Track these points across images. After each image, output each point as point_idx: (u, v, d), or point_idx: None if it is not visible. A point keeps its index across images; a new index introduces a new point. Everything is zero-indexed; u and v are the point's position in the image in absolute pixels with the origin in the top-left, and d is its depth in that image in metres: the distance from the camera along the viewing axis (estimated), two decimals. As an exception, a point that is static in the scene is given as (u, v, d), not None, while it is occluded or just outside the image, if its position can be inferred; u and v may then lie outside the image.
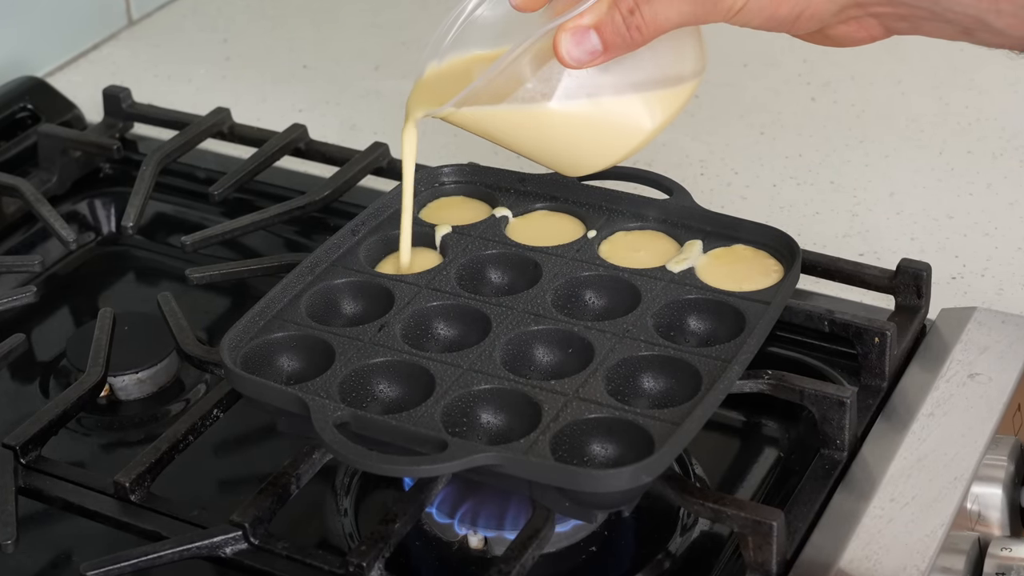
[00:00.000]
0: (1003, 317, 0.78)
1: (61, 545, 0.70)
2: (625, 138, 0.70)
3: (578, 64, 0.65)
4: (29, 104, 1.01)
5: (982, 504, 0.71)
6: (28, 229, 0.92)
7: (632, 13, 0.64)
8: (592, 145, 0.71)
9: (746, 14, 0.65)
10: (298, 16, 1.19)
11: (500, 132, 0.71)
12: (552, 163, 0.73)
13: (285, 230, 0.91)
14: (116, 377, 0.79)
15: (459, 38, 0.72)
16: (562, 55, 0.65)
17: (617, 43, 0.65)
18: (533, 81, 0.68)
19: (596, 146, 0.71)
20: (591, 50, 0.65)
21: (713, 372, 0.67)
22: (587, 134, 0.70)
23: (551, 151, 0.72)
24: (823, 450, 0.71)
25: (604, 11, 0.64)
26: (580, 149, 0.71)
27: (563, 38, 0.65)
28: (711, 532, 0.70)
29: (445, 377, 0.67)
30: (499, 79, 0.67)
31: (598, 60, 0.65)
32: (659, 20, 0.64)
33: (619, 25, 0.64)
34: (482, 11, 0.71)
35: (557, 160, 0.73)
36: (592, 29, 0.64)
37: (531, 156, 0.73)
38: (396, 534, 0.64)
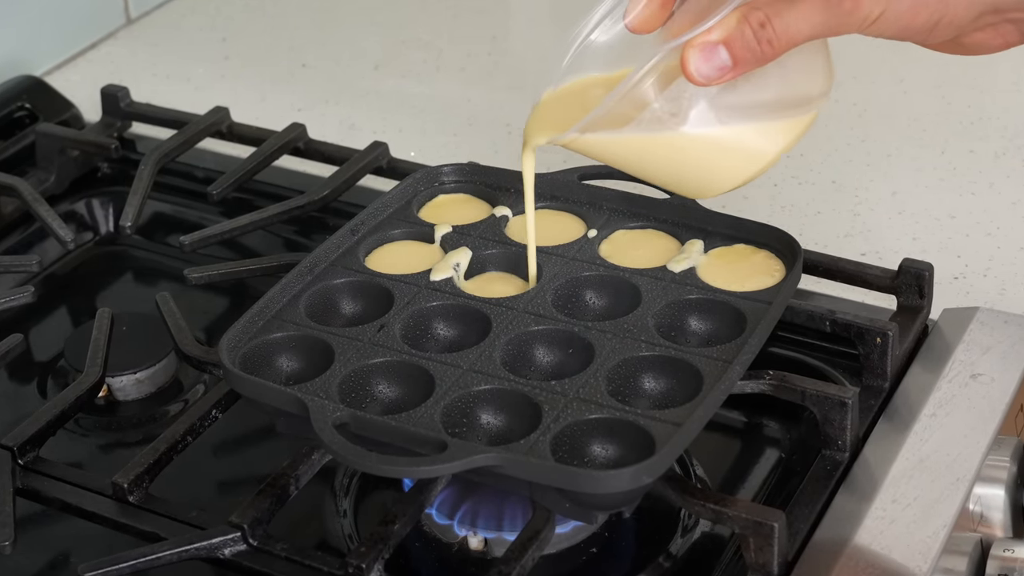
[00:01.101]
0: (1005, 317, 0.78)
1: (59, 546, 0.70)
2: (753, 159, 0.67)
3: (707, 81, 0.62)
4: (27, 103, 1.01)
5: (984, 505, 0.71)
6: (26, 229, 0.92)
7: (763, 26, 0.61)
8: (719, 167, 0.68)
9: (882, 24, 0.62)
10: (297, 15, 1.19)
11: (623, 158, 0.69)
12: (676, 187, 0.71)
13: (284, 230, 0.91)
14: (114, 377, 0.79)
15: (574, 62, 0.70)
16: (690, 72, 0.62)
17: (747, 58, 0.62)
18: (659, 102, 0.65)
19: (723, 168, 0.68)
20: (720, 66, 0.62)
21: (714, 372, 0.67)
22: (715, 156, 0.67)
23: (676, 175, 0.69)
24: (824, 451, 0.71)
25: (733, 25, 0.62)
26: (706, 172, 0.68)
27: (691, 54, 0.62)
28: (712, 533, 0.70)
29: (445, 377, 0.67)
30: (622, 102, 0.64)
31: (727, 76, 0.62)
32: (791, 33, 0.62)
33: (749, 39, 0.62)
34: (596, 35, 0.69)
35: (682, 184, 0.70)
36: (721, 44, 0.62)
37: (654, 180, 0.71)
38: (396, 535, 0.64)
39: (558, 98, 0.70)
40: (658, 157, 0.67)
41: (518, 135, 1.02)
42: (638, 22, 0.66)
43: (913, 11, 0.62)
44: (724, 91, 0.65)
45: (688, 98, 0.65)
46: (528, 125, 0.71)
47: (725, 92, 0.65)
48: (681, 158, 0.67)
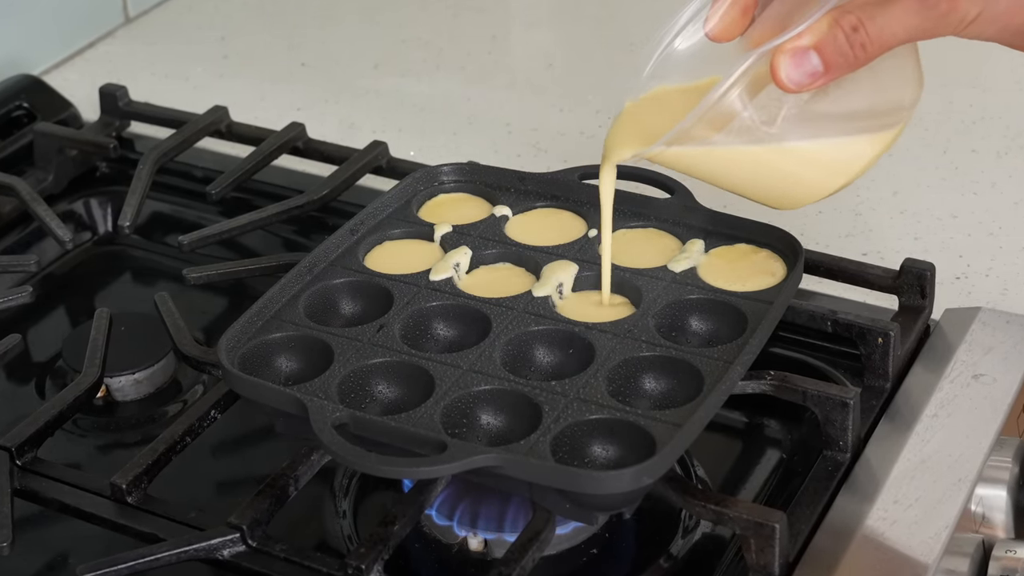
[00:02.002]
0: (1008, 317, 0.78)
1: (57, 547, 0.70)
2: (843, 170, 0.66)
3: (798, 87, 0.61)
4: (25, 102, 1.01)
5: (986, 506, 0.71)
6: (24, 228, 0.92)
7: (856, 30, 0.60)
8: (809, 179, 0.66)
9: (979, 25, 0.61)
10: (296, 13, 1.19)
11: (709, 170, 0.67)
12: (763, 198, 0.69)
13: (283, 229, 0.91)
14: (113, 378, 0.79)
15: (654, 73, 0.68)
16: (780, 78, 0.60)
17: (839, 63, 0.60)
18: (748, 111, 0.63)
19: (813, 179, 0.66)
20: (811, 71, 0.60)
21: (715, 373, 0.67)
22: (805, 168, 0.66)
23: (765, 187, 0.67)
24: (826, 451, 0.71)
25: (825, 30, 0.60)
26: (796, 183, 0.67)
27: (781, 60, 0.60)
28: (713, 534, 0.70)
29: (445, 378, 0.67)
30: (710, 112, 0.62)
31: (819, 82, 0.61)
32: (885, 36, 0.60)
33: (841, 43, 0.60)
34: (676, 44, 0.68)
35: (770, 195, 0.68)
36: (812, 49, 0.60)
37: (739, 192, 0.69)
38: (395, 536, 0.64)
39: (639, 109, 0.68)
40: (747, 169, 0.66)
41: (518, 134, 1.02)
42: (719, 30, 0.65)
43: (1010, 12, 0.61)
44: (815, 98, 0.63)
45: (778, 106, 0.63)
46: (609, 138, 0.69)
47: (816, 99, 0.63)
48: (771, 170, 0.65)
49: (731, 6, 0.65)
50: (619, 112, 0.68)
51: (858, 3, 0.60)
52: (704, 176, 0.68)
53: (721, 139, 0.64)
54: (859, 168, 0.65)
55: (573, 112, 1.04)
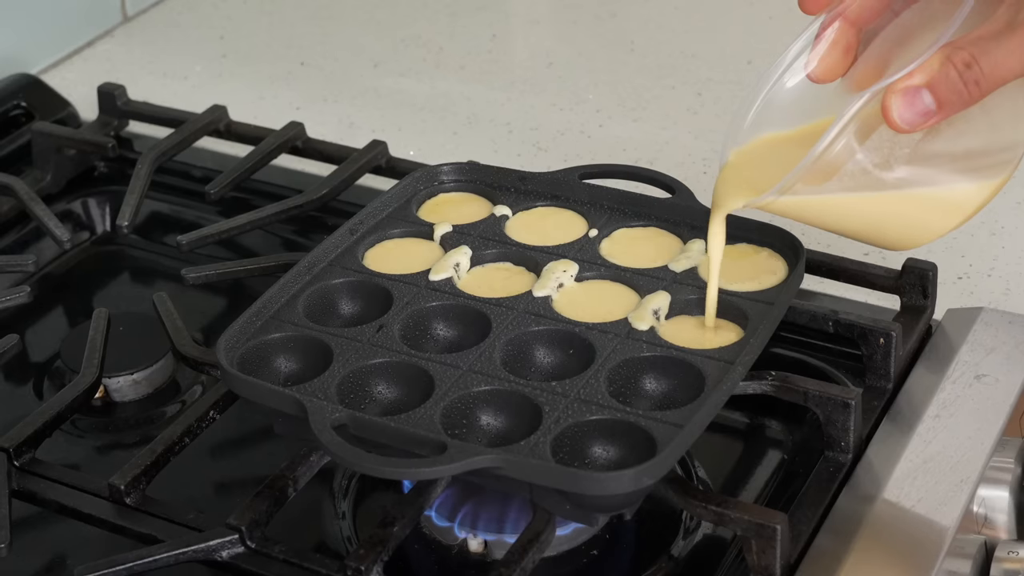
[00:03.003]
0: (1010, 318, 0.78)
1: (55, 549, 0.69)
2: (958, 211, 0.65)
3: (911, 127, 0.60)
4: (23, 102, 1.01)
5: (989, 507, 0.71)
6: (22, 228, 0.92)
7: (969, 67, 0.58)
8: (924, 220, 0.65)
9: None
10: (295, 12, 1.19)
11: (822, 216, 0.66)
12: (876, 241, 0.68)
13: (282, 229, 0.90)
14: (111, 378, 0.79)
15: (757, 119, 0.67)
16: (893, 118, 0.59)
17: (953, 100, 0.59)
18: (862, 153, 0.62)
19: (928, 221, 0.65)
20: (924, 110, 0.59)
21: (716, 373, 0.67)
22: (920, 210, 0.65)
23: (879, 229, 0.66)
24: (827, 452, 0.71)
25: (936, 68, 0.59)
26: (910, 225, 0.65)
27: (893, 99, 0.59)
28: (714, 535, 0.69)
29: (444, 378, 0.67)
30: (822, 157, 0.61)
31: (931, 121, 0.59)
32: (1000, 72, 0.59)
33: (955, 81, 0.59)
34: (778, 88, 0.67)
35: (883, 238, 0.67)
36: (924, 88, 0.59)
37: (852, 235, 0.68)
38: (395, 537, 0.64)
39: (745, 157, 0.67)
40: (861, 215, 0.65)
41: (518, 134, 1.02)
42: (821, 71, 0.65)
43: None
44: (927, 138, 0.62)
45: (890, 147, 0.62)
46: (718, 188, 0.68)
47: (929, 139, 0.62)
48: (885, 215, 0.64)
49: (832, 47, 0.65)
50: (724, 161, 0.67)
51: (970, 38, 0.59)
52: (815, 222, 0.67)
53: (834, 185, 0.63)
54: (973, 209, 0.64)
55: (573, 111, 1.04)
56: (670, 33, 1.13)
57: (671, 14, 1.15)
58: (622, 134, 1.01)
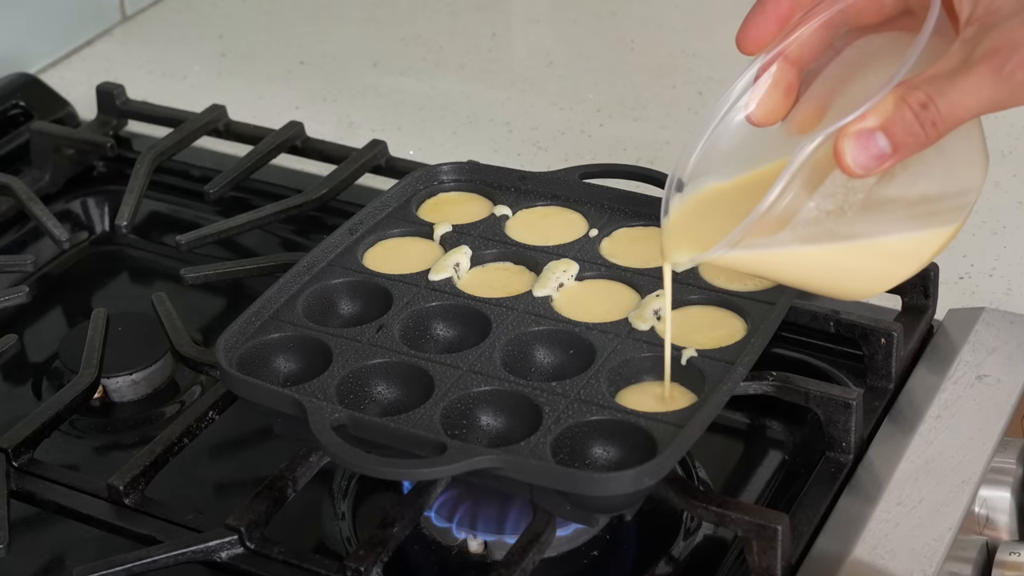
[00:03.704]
0: (1011, 318, 0.77)
1: (54, 549, 0.69)
2: (915, 259, 0.62)
3: (865, 172, 0.57)
4: (21, 101, 1.01)
5: (990, 508, 0.70)
6: (20, 228, 0.92)
7: (925, 107, 0.56)
8: (880, 270, 0.62)
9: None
10: (295, 12, 1.19)
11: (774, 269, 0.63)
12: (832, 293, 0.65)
13: (282, 229, 0.90)
14: (110, 379, 0.78)
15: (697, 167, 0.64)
16: (846, 163, 0.56)
17: (909, 143, 0.56)
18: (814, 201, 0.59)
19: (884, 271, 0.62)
20: (879, 154, 0.56)
21: (717, 374, 0.66)
22: (876, 260, 0.62)
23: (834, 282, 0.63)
24: (828, 453, 0.71)
25: (891, 109, 0.56)
26: (866, 277, 0.63)
27: (847, 143, 0.56)
28: (715, 536, 0.69)
29: (444, 379, 0.67)
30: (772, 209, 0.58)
31: (886, 164, 0.57)
32: (957, 112, 0.56)
33: (910, 122, 0.56)
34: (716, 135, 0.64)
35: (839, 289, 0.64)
36: (879, 130, 0.56)
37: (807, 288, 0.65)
38: (394, 538, 0.64)
39: (690, 208, 0.64)
40: (816, 265, 0.62)
41: (518, 133, 1.02)
42: (761, 114, 0.62)
43: None
44: (882, 183, 0.60)
45: (844, 193, 0.59)
46: (664, 242, 0.65)
47: (884, 184, 0.60)
48: (840, 264, 0.61)
49: (773, 88, 0.62)
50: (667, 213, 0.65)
51: (925, 78, 0.56)
52: (766, 275, 0.65)
53: (787, 236, 0.60)
54: (930, 255, 0.62)
55: (573, 110, 1.04)
56: (670, 32, 1.13)
57: (671, 13, 1.15)
58: (622, 133, 1.01)
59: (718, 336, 0.69)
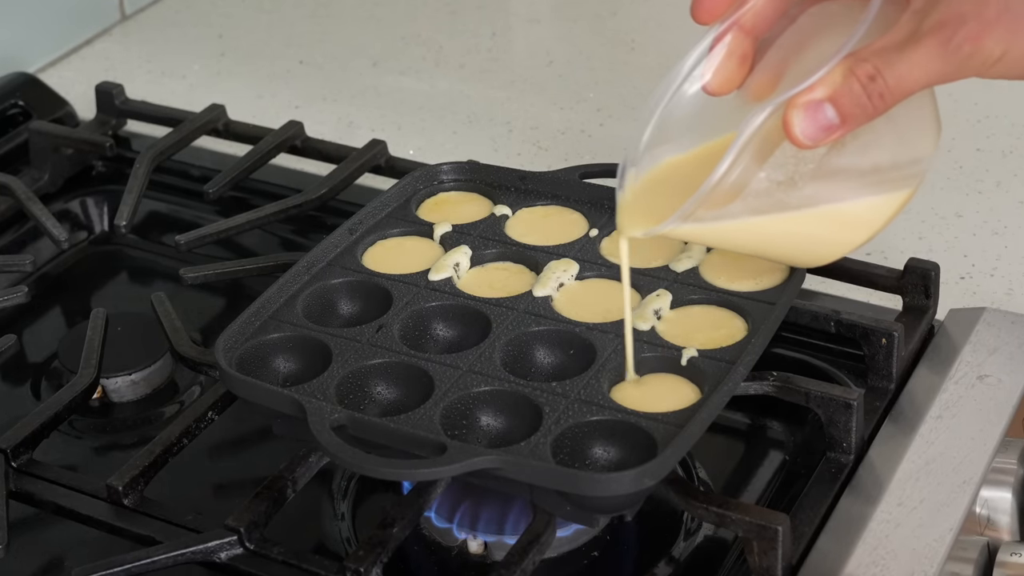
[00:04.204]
0: (1013, 318, 0.77)
1: (53, 550, 0.69)
2: (867, 226, 0.63)
3: (813, 142, 0.57)
4: (20, 100, 1.01)
5: (991, 508, 0.70)
6: (19, 228, 0.92)
7: (873, 79, 0.56)
8: (833, 238, 0.63)
9: (1004, 65, 0.57)
10: (294, 11, 1.18)
11: (729, 240, 0.64)
12: (786, 260, 0.67)
13: (281, 229, 0.90)
14: (109, 379, 0.78)
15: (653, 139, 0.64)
16: (795, 133, 0.57)
17: (856, 114, 0.57)
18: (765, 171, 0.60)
19: (837, 238, 0.63)
20: (827, 125, 0.57)
21: (717, 374, 0.66)
22: (828, 228, 0.63)
23: (787, 250, 0.65)
24: (829, 453, 0.70)
25: (839, 80, 0.57)
26: (819, 244, 0.64)
27: (795, 114, 0.57)
28: (715, 537, 0.69)
29: (444, 379, 0.67)
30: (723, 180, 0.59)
31: (835, 135, 0.57)
32: (905, 83, 0.57)
33: (858, 94, 0.56)
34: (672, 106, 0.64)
35: (793, 258, 0.66)
36: (827, 101, 0.57)
37: (763, 256, 0.67)
38: (394, 539, 0.64)
39: (645, 183, 0.65)
40: (768, 234, 0.63)
41: (518, 133, 1.02)
42: (717, 83, 0.62)
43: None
44: (833, 152, 0.60)
45: (794, 163, 0.60)
46: (619, 215, 0.66)
47: (835, 154, 0.60)
48: (792, 232, 0.62)
49: (727, 57, 0.62)
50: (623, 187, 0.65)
51: (873, 49, 0.57)
52: (721, 246, 0.66)
53: (738, 207, 0.60)
54: (882, 224, 0.63)
55: (574, 110, 1.04)
56: (671, 32, 1.12)
57: (671, 13, 1.15)
58: (623, 133, 1.01)
59: (719, 336, 0.69)
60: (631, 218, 0.65)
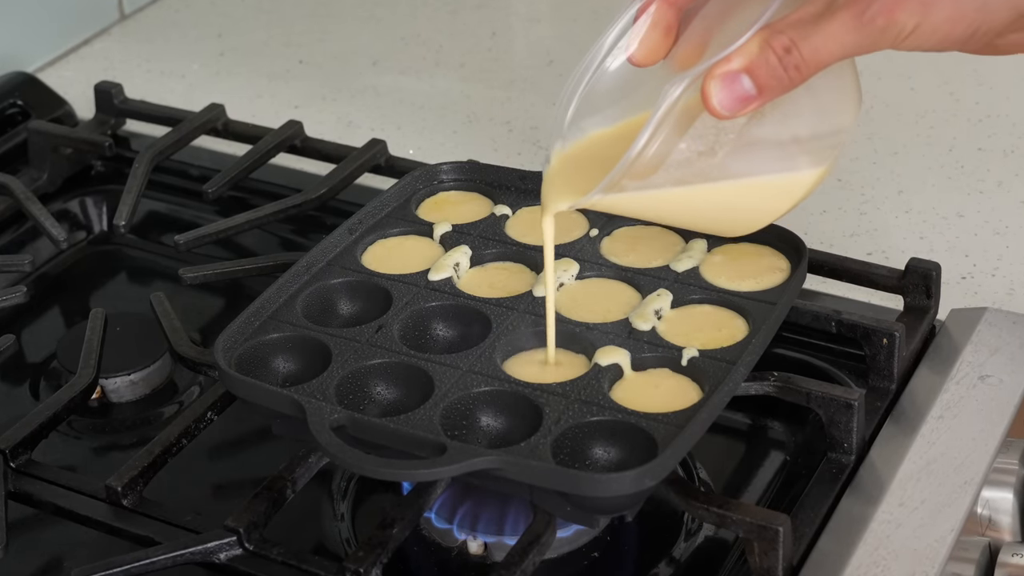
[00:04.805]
0: (1014, 318, 0.77)
1: (52, 551, 0.69)
2: (787, 196, 0.63)
3: (730, 113, 0.58)
4: (19, 100, 1.01)
5: (992, 509, 0.70)
6: (18, 228, 0.92)
7: (788, 51, 0.57)
8: (755, 206, 0.64)
9: (918, 37, 0.58)
10: (294, 10, 1.18)
11: (652, 210, 0.64)
12: (710, 229, 0.68)
13: (281, 229, 0.90)
14: (108, 379, 0.78)
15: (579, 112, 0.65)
16: (712, 104, 0.58)
17: (773, 85, 0.58)
18: (685, 142, 0.61)
19: (759, 207, 0.64)
20: (743, 96, 0.58)
21: (718, 374, 0.66)
22: (749, 198, 0.63)
23: (710, 220, 0.65)
24: (830, 453, 0.70)
25: (755, 52, 0.57)
26: (742, 212, 0.64)
27: (712, 85, 0.58)
28: (716, 537, 0.69)
29: (444, 379, 0.67)
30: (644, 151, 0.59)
31: (752, 106, 0.58)
32: (820, 55, 0.57)
33: (774, 65, 0.57)
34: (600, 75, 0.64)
35: (716, 227, 0.66)
36: (743, 72, 0.57)
37: (688, 226, 0.67)
38: (394, 539, 0.64)
39: (570, 157, 0.65)
40: (691, 206, 0.63)
41: (518, 132, 1.02)
42: (642, 54, 0.63)
43: (951, 22, 0.58)
44: (753, 122, 0.61)
45: (715, 134, 0.61)
46: (545, 190, 0.66)
47: (754, 124, 0.61)
48: (714, 203, 0.63)
49: (652, 28, 0.63)
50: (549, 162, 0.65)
51: (789, 21, 0.58)
52: (648, 217, 0.66)
53: (660, 178, 0.61)
54: (802, 194, 0.63)
55: (573, 110, 1.03)
56: (671, 31, 1.12)
57: (672, 12, 1.15)
58: (623, 133, 1.00)
59: (719, 336, 0.69)
60: (556, 191, 0.65)
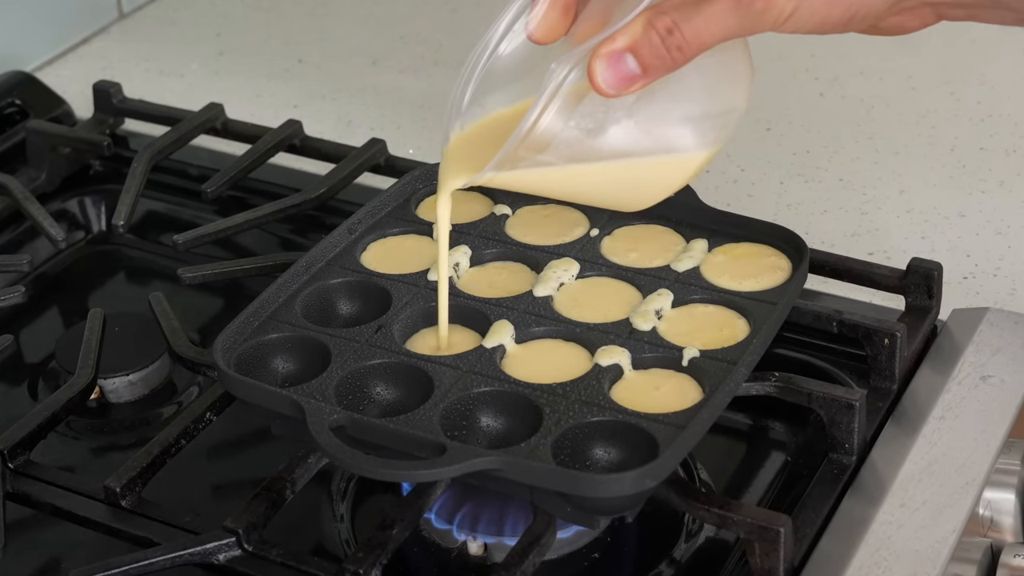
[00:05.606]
0: (1016, 318, 0.77)
1: (50, 551, 0.69)
2: (680, 171, 0.64)
3: (616, 91, 0.59)
4: (17, 99, 1.00)
5: (994, 509, 0.70)
6: (16, 228, 0.92)
7: (671, 32, 0.59)
8: (646, 183, 0.65)
9: (797, 20, 0.60)
10: (293, 9, 1.18)
11: (545, 187, 0.66)
12: (606, 204, 0.69)
13: (280, 229, 0.90)
14: (106, 379, 0.78)
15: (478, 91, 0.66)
16: (598, 83, 0.59)
17: (656, 65, 0.59)
18: (573, 120, 0.62)
19: (650, 184, 0.65)
20: (628, 75, 0.59)
21: (719, 374, 0.66)
22: (639, 173, 0.64)
23: (605, 196, 0.66)
24: (831, 454, 0.70)
25: (639, 32, 0.59)
26: (633, 188, 0.65)
27: (597, 64, 0.59)
28: (717, 538, 0.69)
29: (444, 379, 0.66)
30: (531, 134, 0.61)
31: (637, 85, 0.59)
32: (702, 37, 0.59)
33: (657, 45, 0.59)
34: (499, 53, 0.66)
35: (611, 201, 0.68)
36: (627, 52, 0.59)
37: (587, 202, 0.68)
38: (394, 540, 0.63)
39: (471, 135, 0.66)
40: (584, 183, 0.64)
41: (518, 132, 1.01)
42: (541, 32, 0.63)
43: (828, 5, 0.60)
44: (643, 101, 0.62)
45: (604, 112, 0.62)
46: (440, 169, 0.67)
47: (644, 103, 0.62)
48: (607, 181, 0.64)
49: (551, 7, 0.63)
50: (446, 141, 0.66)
51: (673, 3, 0.59)
52: (544, 193, 0.67)
53: (550, 155, 0.62)
54: (692, 172, 0.64)
55: (573, 109, 1.03)
56: (671, 30, 1.12)
57: (672, 11, 1.15)
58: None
59: (720, 336, 0.69)
60: (453, 169, 0.66)
